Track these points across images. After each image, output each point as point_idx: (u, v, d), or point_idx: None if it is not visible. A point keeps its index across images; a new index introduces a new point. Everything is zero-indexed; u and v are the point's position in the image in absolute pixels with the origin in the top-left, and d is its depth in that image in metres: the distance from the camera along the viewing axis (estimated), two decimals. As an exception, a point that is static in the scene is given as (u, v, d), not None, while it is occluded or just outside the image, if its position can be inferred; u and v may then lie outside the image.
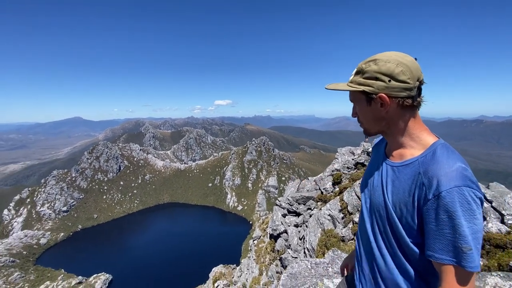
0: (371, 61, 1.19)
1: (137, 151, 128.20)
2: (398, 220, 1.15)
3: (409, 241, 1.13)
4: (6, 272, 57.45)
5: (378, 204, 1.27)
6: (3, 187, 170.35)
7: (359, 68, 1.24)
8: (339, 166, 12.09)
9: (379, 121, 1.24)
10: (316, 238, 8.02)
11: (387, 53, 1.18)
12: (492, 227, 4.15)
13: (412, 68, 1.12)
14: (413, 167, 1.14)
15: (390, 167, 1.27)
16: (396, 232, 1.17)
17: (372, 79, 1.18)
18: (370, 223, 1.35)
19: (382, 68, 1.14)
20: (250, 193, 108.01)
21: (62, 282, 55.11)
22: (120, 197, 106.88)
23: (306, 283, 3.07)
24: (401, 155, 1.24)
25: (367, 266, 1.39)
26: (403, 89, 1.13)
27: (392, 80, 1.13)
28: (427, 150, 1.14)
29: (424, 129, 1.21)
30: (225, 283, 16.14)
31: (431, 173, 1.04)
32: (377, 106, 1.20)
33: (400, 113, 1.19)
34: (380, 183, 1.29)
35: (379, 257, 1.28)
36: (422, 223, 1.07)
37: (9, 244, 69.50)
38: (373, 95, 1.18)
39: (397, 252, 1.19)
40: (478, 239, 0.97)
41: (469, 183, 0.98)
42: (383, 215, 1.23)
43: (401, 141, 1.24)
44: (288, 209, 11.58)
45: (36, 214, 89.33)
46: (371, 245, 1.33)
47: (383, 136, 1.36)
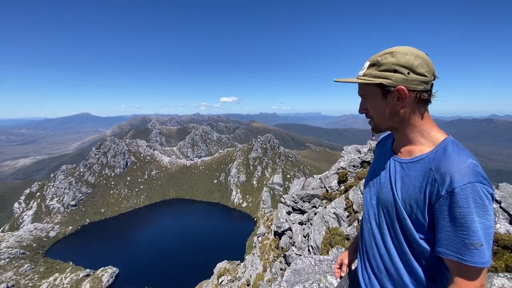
0: (388, 54, 1.17)
1: (143, 147, 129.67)
2: (408, 217, 1.14)
3: (418, 238, 1.12)
4: (17, 263, 59.12)
5: (386, 201, 1.26)
6: (14, 181, 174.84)
7: (373, 60, 1.21)
8: (345, 164, 12.02)
9: (393, 116, 1.22)
10: (321, 236, 8.01)
11: (402, 47, 1.16)
12: (501, 228, 4.08)
13: (428, 61, 1.12)
14: (424, 163, 1.13)
15: (399, 163, 1.26)
16: (405, 229, 1.16)
17: (390, 71, 1.15)
18: (376, 220, 1.34)
19: (401, 60, 1.12)
20: (255, 190, 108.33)
21: (71, 274, 56.46)
22: (127, 192, 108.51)
23: (310, 279, 3.08)
24: (410, 152, 1.23)
25: (372, 263, 1.37)
26: (422, 82, 1.12)
27: (411, 73, 1.11)
28: (438, 146, 1.13)
29: (434, 126, 1.21)
30: (229, 279, 16.30)
31: (444, 169, 1.03)
32: (394, 100, 1.18)
33: (415, 107, 1.18)
34: (388, 179, 1.28)
35: (385, 254, 1.27)
36: (433, 220, 1.06)
37: (20, 236, 71.43)
38: (391, 88, 1.16)
39: (405, 249, 1.18)
40: (490, 234, 0.97)
41: (481, 179, 0.98)
42: (392, 211, 1.22)
43: (411, 137, 1.23)
44: (293, 207, 11.58)
45: (46, 207, 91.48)
46: (376, 242, 1.33)
47: (392, 132, 1.33)
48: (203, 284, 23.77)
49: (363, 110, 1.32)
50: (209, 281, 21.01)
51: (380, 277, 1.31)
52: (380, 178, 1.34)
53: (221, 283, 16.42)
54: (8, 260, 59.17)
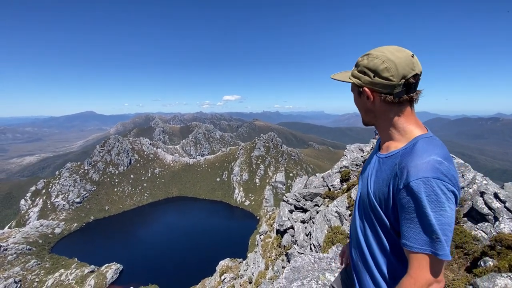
0: (365, 55, 1.26)
1: (147, 145, 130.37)
2: (380, 209, 1.22)
3: (390, 230, 1.20)
4: (24, 259, 60.07)
5: (363, 194, 1.36)
6: (20, 178, 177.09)
7: (357, 60, 1.32)
8: (347, 163, 11.97)
9: (368, 112, 1.33)
10: (323, 234, 8.00)
11: (381, 48, 1.22)
12: (505, 227, 4.05)
13: (399, 65, 1.14)
14: (394, 158, 1.21)
15: (378, 158, 1.35)
16: (381, 221, 1.23)
17: (362, 73, 1.26)
18: (359, 214, 1.45)
19: (370, 63, 1.21)
20: (257, 188, 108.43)
21: (76, 270, 57.23)
22: (131, 190, 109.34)
23: (308, 277, 3.09)
24: (388, 148, 1.32)
25: (357, 254, 1.45)
26: (385, 85, 1.18)
27: (376, 76, 1.19)
28: (409, 142, 1.19)
29: (413, 123, 1.25)
30: (231, 276, 16.37)
31: (403, 164, 1.10)
32: (365, 99, 1.29)
33: (386, 107, 1.24)
34: (368, 174, 1.38)
35: (364, 246, 1.35)
36: (397, 211, 1.14)
37: (26, 232, 72.48)
38: (360, 88, 1.28)
39: (383, 241, 1.25)
40: (446, 231, 1.00)
41: (440, 175, 1.01)
42: (367, 204, 1.31)
43: (388, 134, 1.31)
44: (295, 205, 11.58)
45: (51, 204, 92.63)
46: (358, 235, 1.41)
47: (375, 128, 1.42)
48: (206, 281, 23.91)
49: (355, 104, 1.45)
50: (212, 278, 21.13)
51: (362, 266, 1.39)
52: (366, 172, 1.44)
53: (223, 281, 16.51)
54: (15, 256, 60.14)
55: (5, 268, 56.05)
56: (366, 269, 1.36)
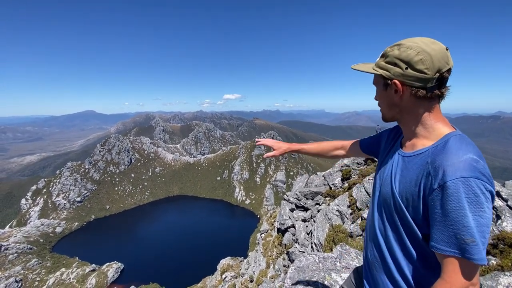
0: (396, 46, 1.17)
1: (147, 144, 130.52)
2: (406, 210, 1.14)
3: (418, 232, 1.11)
4: (25, 258, 60.25)
5: (386, 194, 1.26)
6: (21, 177, 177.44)
7: (384, 51, 1.22)
8: (348, 162, 11.96)
9: (392, 107, 1.24)
10: (324, 233, 8.00)
11: (414, 39, 1.13)
12: (507, 226, 4.04)
13: (435, 58, 1.07)
14: (423, 157, 1.12)
15: (402, 157, 1.25)
16: (406, 222, 1.15)
17: (391, 64, 1.16)
18: (378, 213, 1.34)
19: (402, 54, 1.12)
20: (258, 187, 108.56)
21: (77, 269, 57.43)
22: (131, 189, 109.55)
23: (314, 277, 3.07)
24: (413, 146, 1.22)
25: (374, 254, 1.37)
26: (419, 78, 1.10)
27: (409, 68, 1.10)
28: (439, 140, 1.12)
29: (441, 120, 1.17)
30: (232, 275, 16.40)
31: (438, 162, 1.02)
32: (392, 92, 1.19)
33: (415, 102, 1.16)
34: (390, 173, 1.28)
35: (384, 247, 1.27)
36: (428, 214, 1.05)
37: (27, 232, 72.66)
38: (388, 81, 1.18)
39: (405, 242, 1.17)
40: (484, 232, 0.93)
41: (478, 174, 0.95)
42: (391, 205, 1.22)
43: (414, 131, 1.22)
44: (296, 204, 11.58)
45: (52, 204, 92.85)
46: (377, 236, 1.32)
47: (398, 123, 1.34)
48: (207, 280, 23.98)
49: (376, 98, 1.35)
50: (213, 277, 21.18)
51: (380, 268, 1.32)
52: (385, 170, 1.34)
53: (224, 279, 16.54)
54: (16, 255, 60.31)
55: (6, 268, 56.23)
56: (385, 271, 1.29)
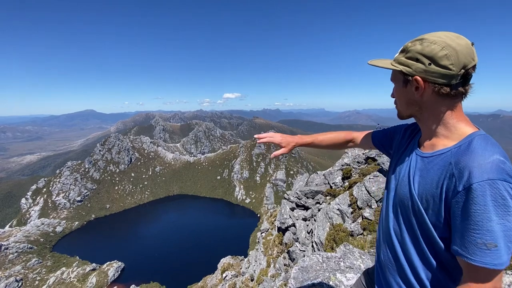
0: (418, 40, 1.09)
1: (147, 144, 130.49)
2: (425, 213, 1.08)
3: (435, 235, 1.06)
4: (25, 257, 60.32)
5: (403, 195, 1.19)
6: (21, 177, 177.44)
7: (404, 46, 1.15)
8: (349, 161, 11.95)
9: (412, 105, 1.18)
10: (325, 232, 8.00)
11: (438, 33, 1.06)
12: (509, 224, 4.04)
13: (460, 53, 1.00)
14: (445, 157, 1.05)
15: (420, 157, 1.19)
16: (423, 225, 1.10)
17: (413, 60, 1.09)
18: (393, 215, 1.28)
19: (426, 49, 1.05)
20: (258, 186, 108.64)
21: (77, 268, 57.50)
22: (132, 188, 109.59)
23: (319, 277, 3.05)
24: (433, 146, 1.16)
25: (388, 255, 1.32)
26: (443, 75, 1.03)
27: (433, 64, 1.03)
28: (463, 140, 1.05)
29: (463, 119, 1.11)
30: (233, 274, 16.42)
31: (463, 163, 0.96)
32: (412, 89, 1.12)
33: (436, 100, 1.09)
34: (407, 174, 1.21)
35: (399, 249, 1.22)
36: (449, 217, 1.00)
37: (27, 231, 72.71)
38: (409, 77, 1.11)
39: (422, 245, 1.12)
40: (510, 237, 0.89)
41: (506, 177, 0.90)
42: (408, 206, 1.16)
43: (434, 130, 1.15)
44: (297, 203, 11.58)
45: (52, 203, 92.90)
46: (392, 238, 1.27)
47: (416, 121, 1.27)
48: (207, 279, 24.00)
49: (392, 95, 1.29)
50: (213, 276, 21.20)
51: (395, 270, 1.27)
52: (401, 171, 1.28)
53: (225, 278, 16.56)
54: (16, 255, 60.39)
55: (6, 267, 56.32)
56: (400, 274, 1.24)
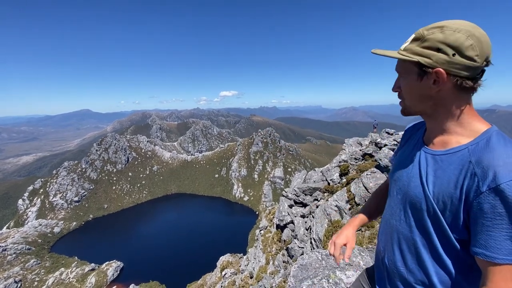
0: (437, 28, 0.98)
1: (144, 143, 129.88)
2: (441, 214, 1.01)
3: (453, 238, 1.00)
4: (23, 259, 60.04)
5: (415, 196, 1.11)
6: (17, 178, 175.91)
7: (418, 34, 1.03)
8: (346, 157, 12.00)
9: (425, 100, 1.07)
10: (323, 228, 8.05)
11: (457, 21, 0.97)
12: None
13: (483, 43, 0.94)
14: (462, 155, 0.99)
15: (431, 156, 1.11)
16: (440, 228, 1.03)
17: (433, 50, 0.98)
18: (403, 217, 1.19)
19: (450, 38, 0.94)
20: (256, 184, 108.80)
21: (76, 269, 57.37)
22: (129, 187, 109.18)
23: (318, 275, 3.06)
24: (445, 143, 1.08)
25: (393, 261, 1.25)
26: (467, 67, 0.94)
27: (457, 55, 0.94)
28: (479, 137, 0.99)
29: (476, 115, 1.05)
30: (232, 272, 16.48)
31: (487, 162, 0.90)
32: (429, 82, 1.01)
33: (454, 95, 1.01)
34: (418, 173, 1.13)
35: (410, 253, 1.16)
36: (469, 218, 0.95)
37: (25, 232, 72.28)
38: (429, 69, 0.99)
39: (437, 248, 1.06)
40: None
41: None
42: (421, 208, 1.08)
43: (446, 127, 1.07)
44: (295, 200, 11.62)
45: (49, 204, 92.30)
46: (400, 241, 1.20)
47: (425, 118, 1.17)
48: (207, 277, 24.06)
49: (397, 89, 1.17)
50: (213, 274, 21.27)
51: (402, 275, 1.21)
52: (407, 171, 1.20)
53: (224, 276, 16.61)
54: (14, 256, 60.06)
55: (4, 268, 56.01)
56: (410, 279, 1.17)
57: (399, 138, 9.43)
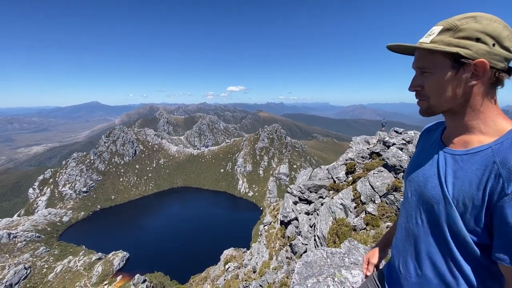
0: (470, 18, 0.91)
1: (151, 136, 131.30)
2: (460, 217, 0.95)
3: (472, 242, 0.94)
4: (33, 246, 61.85)
5: (432, 198, 1.05)
6: (28, 167, 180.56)
7: (449, 25, 0.95)
8: (353, 155, 11.86)
9: (457, 97, 0.97)
10: (327, 226, 8.00)
11: (485, 14, 0.92)
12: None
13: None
14: (485, 156, 0.92)
15: (450, 155, 1.04)
16: (456, 231, 0.97)
17: (471, 40, 0.90)
18: (417, 219, 1.14)
19: (488, 27, 0.88)
20: (261, 179, 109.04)
21: (84, 257, 58.81)
22: (136, 180, 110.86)
23: (323, 273, 3.03)
24: (466, 142, 1.02)
25: (408, 266, 1.20)
26: (505, 58, 0.89)
27: (497, 45, 0.88)
28: (504, 136, 0.92)
29: (501, 113, 0.98)
30: (235, 265, 16.64)
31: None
32: (467, 76, 0.93)
33: (487, 89, 0.94)
34: (436, 174, 1.07)
35: (426, 258, 1.10)
36: (491, 221, 0.89)
37: (35, 220, 74.37)
38: (469, 61, 0.90)
39: (455, 254, 0.99)
40: None
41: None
42: (438, 210, 1.02)
43: (470, 125, 1.01)
44: (300, 197, 11.59)
45: (59, 193, 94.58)
46: (415, 247, 1.15)
47: (448, 116, 1.08)
48: (210, 270, 24.39)
49: (417, 87, 1.07)
50: (216, 267, 21.52)
51: (417, 283, 1.15)
52: (424, 172, 1.13)
53: (227, 269, 16.79)
54: (24, 243, 61.93)
55: (15, 255, 57.86)
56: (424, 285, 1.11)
57: (407, 137, 9.24)
